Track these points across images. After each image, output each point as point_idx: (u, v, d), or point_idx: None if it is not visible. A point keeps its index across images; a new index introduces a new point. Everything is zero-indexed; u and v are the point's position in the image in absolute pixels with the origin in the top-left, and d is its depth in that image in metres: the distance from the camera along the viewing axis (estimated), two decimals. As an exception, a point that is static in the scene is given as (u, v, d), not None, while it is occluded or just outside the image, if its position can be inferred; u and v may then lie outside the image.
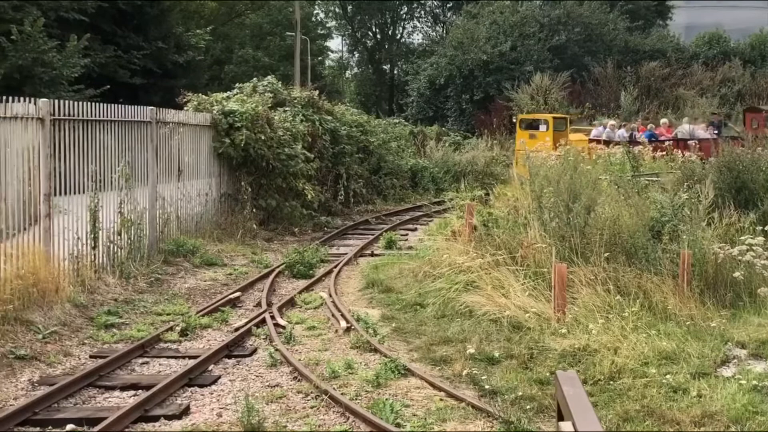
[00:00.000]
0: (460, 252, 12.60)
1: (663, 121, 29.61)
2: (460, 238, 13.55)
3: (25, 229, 10.77)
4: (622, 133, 27.09)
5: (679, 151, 20.93)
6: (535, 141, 26.18)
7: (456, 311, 10.79)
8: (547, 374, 8.19)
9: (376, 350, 9.45)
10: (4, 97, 10.55)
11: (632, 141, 25.06)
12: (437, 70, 46.08)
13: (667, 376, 7.92)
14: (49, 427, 7.34)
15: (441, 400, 7.78)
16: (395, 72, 64.01)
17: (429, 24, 65.66)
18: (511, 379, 8.15)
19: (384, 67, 65.22)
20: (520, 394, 7.69)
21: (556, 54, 44.52)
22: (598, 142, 25.94)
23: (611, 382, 7.95)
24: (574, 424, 3.39)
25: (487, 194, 19.45)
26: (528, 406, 7.34)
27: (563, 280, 9.76)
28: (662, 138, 26.93)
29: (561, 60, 43.76)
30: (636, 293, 9.96)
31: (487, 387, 7.95)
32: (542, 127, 27.90)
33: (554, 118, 28.68)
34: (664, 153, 21.18)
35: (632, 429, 6.85)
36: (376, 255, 16.53)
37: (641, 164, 18.23)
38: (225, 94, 20.20)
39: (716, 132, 27.44)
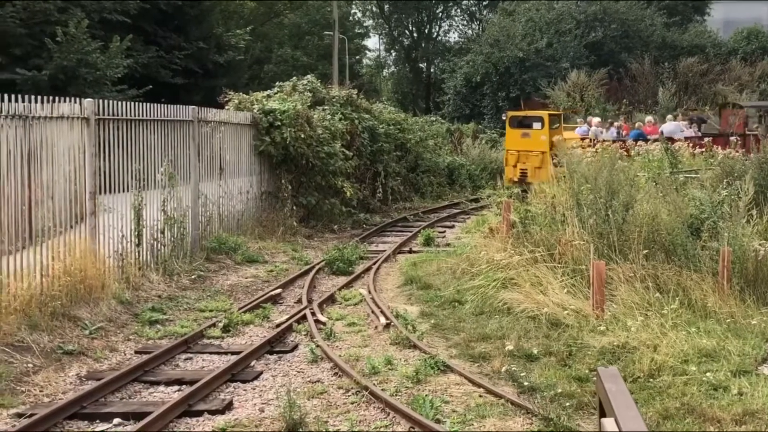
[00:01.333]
0: (498, 249, 12.57)
1: (648, 119, 28.00)
2: (497, 235, 13.50)
3: (71, 226, 10.91)
4: (612, 132, 26.09)
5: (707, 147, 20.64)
6: (528, 141, 24.67)
7: (494, 308, 10.77)
8: (586, 371, 8.15)
9: (415, 346, 9.45)
10: (51, 98, 10.69)
11: (619, 140, 24.52)
12: (473, 68, 45.88)
13: (708, 374, 7.84)
14: (97, 421, 7.44)
15: (480, 396, 7.76)
16: (432, 70, 63.88)
17: (465, 22, 65.43)
18: (550, 376, 8.12)
19: (420, 65, 65.11)
20: (559, 391, 7.65)
21: (592, 51, 44.17)
22: (582, 140, 24.78)
23: (651, 380, 7.89)
24: (617, 421, 3.37)
25: (525, 191, 19.33)
26: (567, 403, 7.31)
27: (602, 277, 9.70)
28: (651, 137, 25.56)
29: (597, 57, 43.41)
30: (675, 291, 9.87)
31: (526, 384, 7.92)
32: (536, 125, 25.11)
33: (550, 115, 25.86)
34: (703, 149, 20.89)
35: (672, 427, 6.80)
36: (415, 252, 16.53)
37: (680, 161, 18.02)
38: (265, 93, 20.31)
39: (698, 129, 26.75)
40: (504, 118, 27.71)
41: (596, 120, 27.51)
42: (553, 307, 10.04)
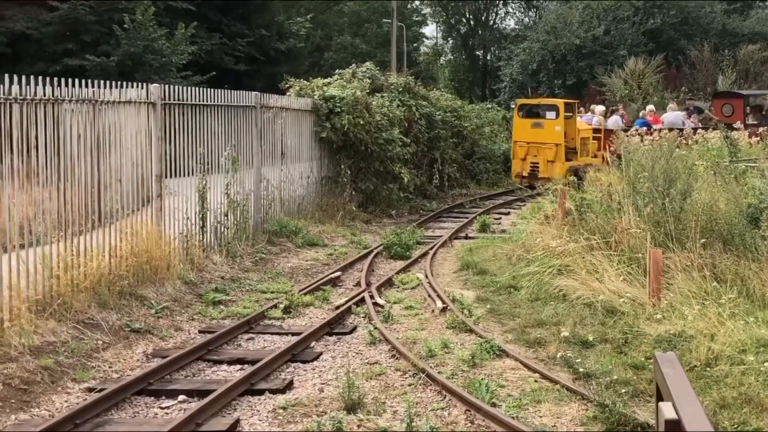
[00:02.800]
0: (554, 236, 12.48)
1: (649, 107, 26.14)
2: (553, 222, 13.42)
3: (138, 209, 11.09)
4: (616, 120, 24.30)
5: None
6: (540, 132, 22.62)
7: (550, 294, 10.70)
8: (642, 359, 8.07)
9: (471, 331, 9.45)
10: (118, 83, 10.85)
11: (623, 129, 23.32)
12: (530, 56, 45.44)
13: (766, 364, 7.69)
14: (163, 397, 7.58)
15: (536, 381, 7.74)
16: (488, 58, 63.40)
17: (522, 9, 64.74)
18: (606, 363, 8.05)
19: (477, 52, 64.67)
20: (615, 377, 7.59)
21: (650, 38, 43.39)
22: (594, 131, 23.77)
23: (708, 369, 7.77)
24: (674, 405, 3.33)
25: (580, 179, 19.14)
26: (623, 390, 7.24)
27: (658, 266, 9.57)
28: (655, 126, 24.09)
29: (656, 44, 42.62)
30: (733, 280, 9.70)
31: (581, 370, 7.87)
32: (549, 115, 22.99)
33: (565, 103, 23.58)
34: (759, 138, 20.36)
35: (729, 416, 6.70)
36: (471, 238, 16.49)
37: (739, 150, 17.67)
38: (325, 80, 20.38)
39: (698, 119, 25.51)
40: (513, 106, 25.77)
41: (600, 108, 25.89)
42: (609, 295, 9.94)
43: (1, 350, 7.81)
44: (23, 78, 8.67)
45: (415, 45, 60.42)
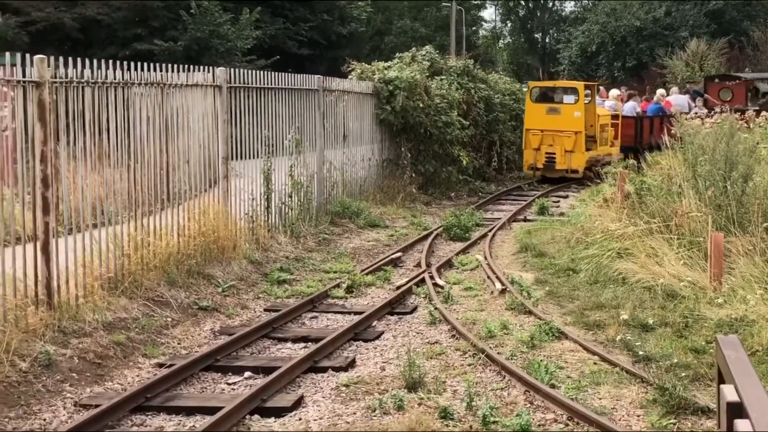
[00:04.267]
0: (613, 219, 12.33)
1: (660, 92, 24.61)
2: (612, 206, 13.23)
3: (205, 190, 11.22)
4: (633, 106, 23.17)
5: None
6: (557, 119, 20.75)
7: (609, 278, 10.58)
8: (703, 343, 7.94)
9: (530, 312, 9.39)
10: (185, 67, 10.95)
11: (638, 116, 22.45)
12: (589, 38, 44.81)
13: (828, 350, 7.53)
14: (229, 374, 7.68)
15: (595, 363, 7.66)
16: (547, 40, 62.71)
17: (581, -9, 63.81)
18: (666, 347, 7.94)
19: (536, 35, 64.01)
20: (675, 361, 7.48)
21: (712, 19, 42.43)
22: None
23: (769, 354, 7.63)
24: (736, 387, 3.27)
25: (640, 162, 18.81)
26: (683, 374, 7.13)
27: (720, 250, 9.40)
28: (669, 110, 22.86)
29: (718, 25, 41.68)
30: (796, 265, 9.48)
31: (641, 353, 7.77)
32: (567, 99, 21.05)
33: (586, 86, 21.57)
34: None
35: (792, 402, 6.56)
36: (529, 220, 16.38)
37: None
38: (386, 63, 20.36)
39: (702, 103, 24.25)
40: (525, 89, 22.54)
41: (615, 92, 24.44)
42: (669, 278, 9.79)
43: (76, 325, 8.00)
44: (95, 62, 8.81)
45: (473, 28, 59.98)
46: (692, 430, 6.24)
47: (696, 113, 21.65)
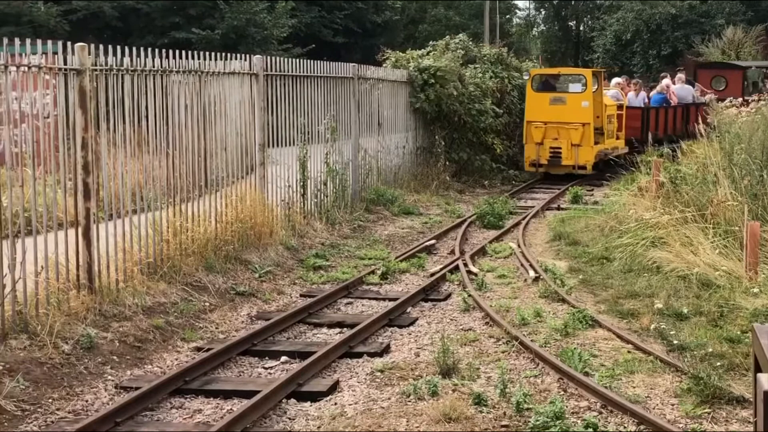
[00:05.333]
0: (647, 208, 12.21)
1: (666, 81, 22.76)
2: (646, 194, 13.11)
3: (242, 177, 11.28)
4: (641, 97, 21.45)
5: None
6: (563, 109, 18.96)
7: (643, 266, 10.48)
8: (738, 332, 7.84)
9: (563, 300, 9.35)
10: (222, 55, 10.99)
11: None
12: (624, 26, 44.24)
13: None
14: (266, 358, 7.73)
15: (629, 352, 7.61)
16: (581, 28, 62.07)
17: (616, -21, 63.09)
18: (700, 336, 7.86)
19: (570, 23, 63.34)
20: (710, 350, 7.39)
21: (749, 6, 41.68)
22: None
23: (805, 344, 7.52)
24: (773, 375, 3.24)
25: (675, 151, 18.61)
26: (718, 363, 7.05)
27: (756, 239, 9.27)
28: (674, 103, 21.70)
29: (755, 12, 40.93)
30: (833, 255, 9.33)
31: (675, 342, 7.69)
32: (574, 88, 19.32)
33: (594, 73, 19.82)
34: None
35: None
36: (563, 209, 16.28)
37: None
38: (420, 52, 20.30)
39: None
40: (526, 78, 20.42)
41: (616, 80, 22.58)
42: (704, 268, 9.68)
43: (116, 309, 8.09)
44: (134, 50, 8.87)
45: (507, 16, 59.63)
46: (727, 419, 6.18)
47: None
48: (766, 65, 28.27)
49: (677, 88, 22.13)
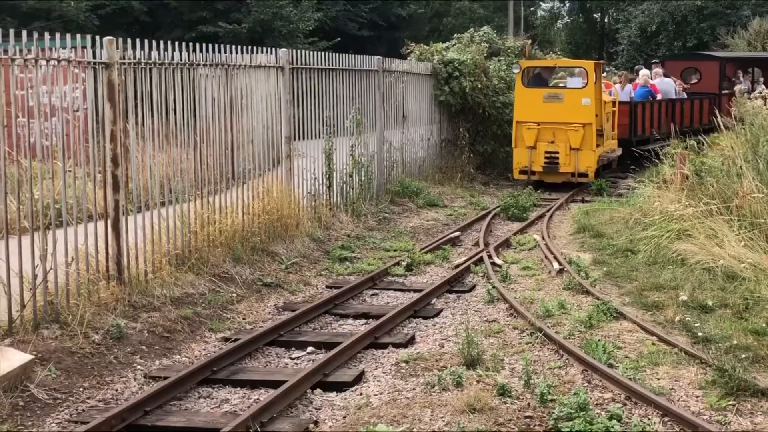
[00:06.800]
0: (672, 200, 12.10)
1: (644, 72, 20.65)
2: (671, 187, 13.00)
3: (269, 169, 11.31)
4: (627, 91, 19.40)
5: None
6: (559, 107, 16.40)
7: (667, 259, 10.40)
8: (764, 325, 7.76)
9: (588, 292, 9.29)
10: (249, 48, 11.01)
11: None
12: (649, 17, 43.79)
13: None
14: (293, 348, 7.76)
15: (653, 344, 7.55)
16: (606, 20, 61.57)
17: (642, -30, 62.49)
18: (725, 328, 7.79)
19: (594, 15, 62.85)
20: (735, 343, 7.33)
21: (776, -3, 41.19)
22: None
23: (832, 337, 7.44)
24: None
25: (700, 143, 18.40)
26: (743, 356, 6.99)
27: (782, 232, 9.17)
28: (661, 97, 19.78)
29: (784, 3, 40.41)
30: None
31: (700, 334, 7.63)
32: (573, 82, 17.02)
33: (596, 64, 17.28)
34: None
35: None
36: (587, 201, 16.18)
37: None
38: (444, 45, 20.23)
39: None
40: (516, 71, 17.42)
41: (645, 71, 20.62)
42: (729, 260, 9.58)
43: (145, 300, 8.15)
44: (161, 44, 8.91)
45: (531, 9, 59.27)
46: (752, 411, 6.12)
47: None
48: (747, 56, 26.45)
49: (657, 82, 20.45)
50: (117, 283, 8.00)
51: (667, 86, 20.16)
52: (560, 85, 17.51)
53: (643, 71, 20.71)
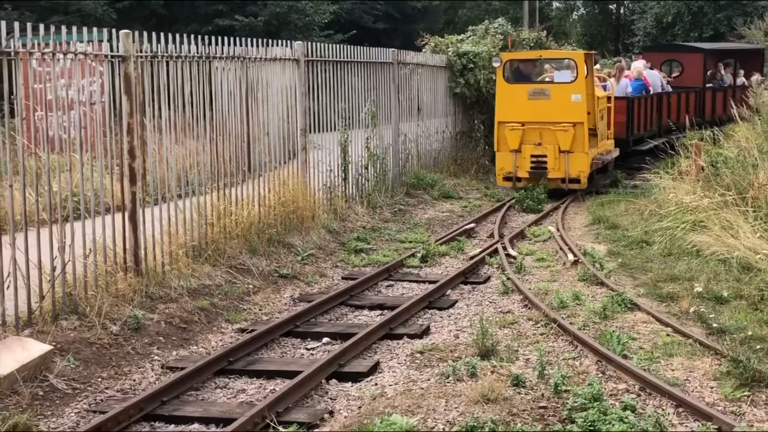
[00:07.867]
0: (687, 192, 12.04)
1: (636, 64, 19.30)
2: (686, 178, 12.93)
3: (284, 161, 11.33)
4: (623, 85, 17.75)
5: None
6: (546, 105, 14.61)
7: (683, 250, 10.35)
8: (779, 316, 7.73)
9: (602, 284, 9.26)
10: (265, 41, 11.01)
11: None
12: (664, 8, 43.50)
13: None
14: (308, 339, 7.78)
15: (668, 335, 7.52)
16: (621, 11, 61.20)
17: (657, -39, 62.03)
18: (740, 319, 7.74)
19: (610, 6, 62.47)
20: (750, 334, 7.29)
21: (793, -12, 40.79)
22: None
23: None
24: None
25: (716, 134, 18.27)
26: (758, 347, 6.96)
27: (797, 223, 9.10)
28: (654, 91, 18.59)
29: (799, -6, 40.04)
30: None
31: (714, 325, 7.59)
32: (561, 76, 15.05)
33: (586, 55, 15.44)
34: None
35: None
36: (602, 193, 16.10)
37: None
38: (459, 37, 20.16)
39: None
40: (497, 65, 15.41)
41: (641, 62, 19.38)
42: (745, 251, 9.53)
43: (162, 291, 8.19)
44: (177, 37, 8.92)
45: (546, 0, 58.94)
46: (767, 402, 6.09)
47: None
48: (727, 48, 25.56)
49: (648, 74, 19.23)
50: (134, 275, 8.04)
51: (655, 79, 18.97)
52: (546, 79, 15.79)
53: (636, 63, 19.48)
